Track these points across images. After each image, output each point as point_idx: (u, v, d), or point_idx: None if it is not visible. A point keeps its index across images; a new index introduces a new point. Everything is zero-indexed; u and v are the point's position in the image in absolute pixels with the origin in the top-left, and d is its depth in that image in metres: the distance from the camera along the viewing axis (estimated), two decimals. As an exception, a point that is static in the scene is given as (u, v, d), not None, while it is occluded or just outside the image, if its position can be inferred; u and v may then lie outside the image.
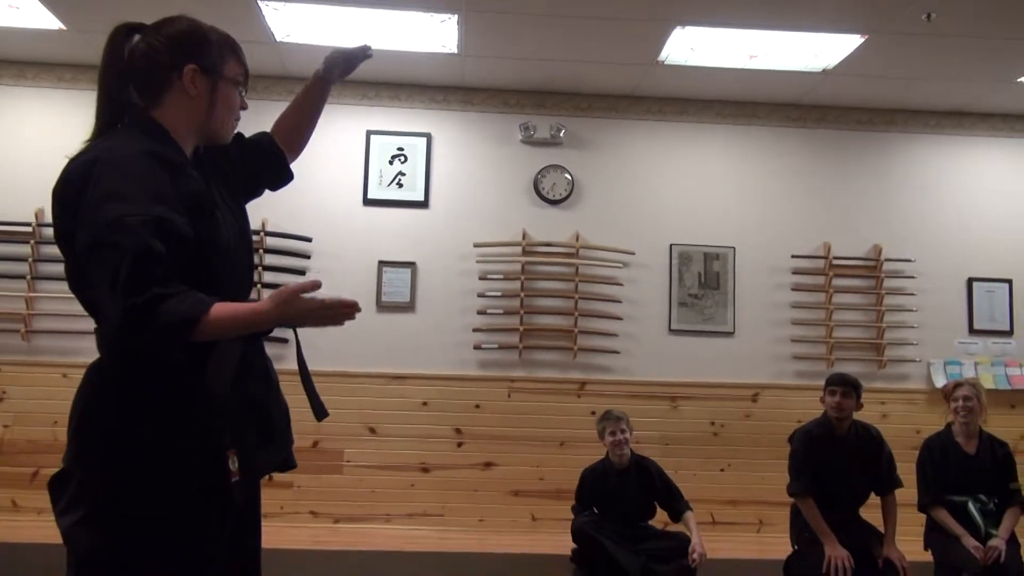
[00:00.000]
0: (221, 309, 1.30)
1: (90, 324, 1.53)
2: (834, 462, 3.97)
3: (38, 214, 5.08)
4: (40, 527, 4.59)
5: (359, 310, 1.45)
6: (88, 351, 1.51)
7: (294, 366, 1.59)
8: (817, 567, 3.76)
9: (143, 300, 1.22)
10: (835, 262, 5.43)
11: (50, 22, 4.59)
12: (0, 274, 5.02)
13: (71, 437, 1.41)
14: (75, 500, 1.35)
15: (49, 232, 5.05)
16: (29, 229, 5.05)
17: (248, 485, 1.44)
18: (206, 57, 1.48)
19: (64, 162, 1.45)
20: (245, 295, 1.56)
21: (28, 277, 5.01)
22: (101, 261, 1.26)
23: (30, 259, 5.02)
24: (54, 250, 5.02)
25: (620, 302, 5.31)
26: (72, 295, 1.47)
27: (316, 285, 1.40)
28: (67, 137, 5.70)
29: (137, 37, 1.48)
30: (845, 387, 3.97)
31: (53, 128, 5.19)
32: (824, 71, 4.96)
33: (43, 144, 5.18)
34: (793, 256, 5.43)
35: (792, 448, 4.06)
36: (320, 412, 1.57)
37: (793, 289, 5.42)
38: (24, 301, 4.98)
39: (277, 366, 1.74)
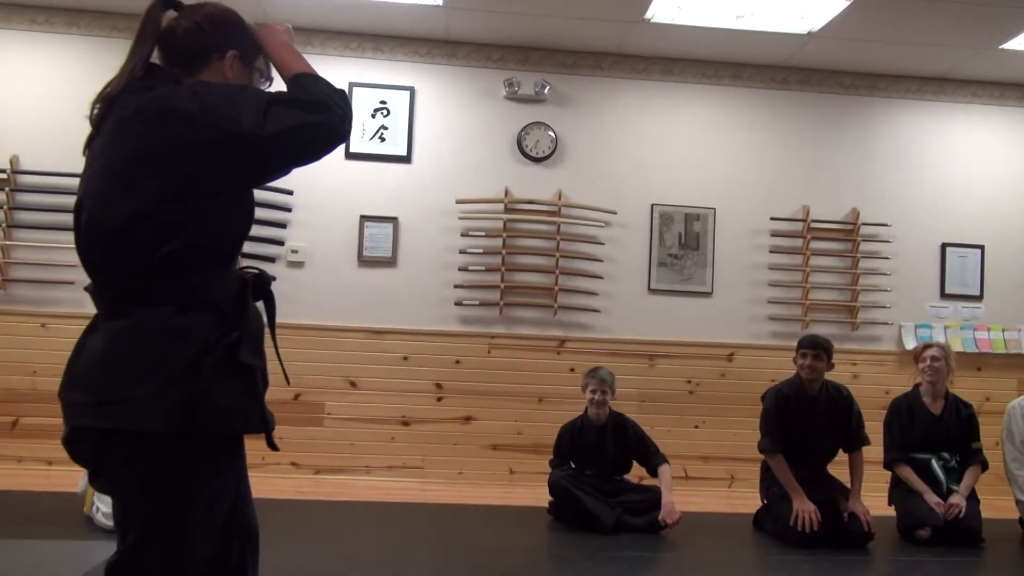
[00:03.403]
0: (304, 65, 1.51)
1: (68, 274, 1.53)
2: (804, 420, 4.08)
3: (13, 161, 4.99)
4: (20, 475, 4.61)
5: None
6: (66, 301, 1.51)
7: (277, 319, 1.60)
8: (785, 520, 3.89)
9: (340, 95, 1.44)
10: (813, 225, 5.50)
11: (23, -38, 4.46)
12: (-25, 222, 4.95)
13: (115, 395, 1.36)
14: (135, 458, 1.36)
15: (25, 180, 4.98)
16: (4, 176, 4.96)
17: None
18: (245, 45, 1.55)
19: (35, 110, 1.45)
20: None
21: (4, 225, 4.94)
22: (290, 104, 1.39)
23: (5, 207, 4.95)
24: (31, 198, 4.98)
25: (601, 261, 5.35)
26: (48, 244, 1.45)
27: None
28: (42, 82, 5.61)
29: (174, 14, 1.52)
30: (816, 349, 4.07)
31: (26, 73, 5.08)
32: (809, 33, 4.96)
33: (16, 89, 5.07)
34: (772, 218, 5.49)
35: (764, 406, 4.17)
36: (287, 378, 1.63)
37: (771, 251, 5.49)
38: (0, 250, 4.93)
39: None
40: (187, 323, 1.37)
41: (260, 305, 1.54)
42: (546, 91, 5.38)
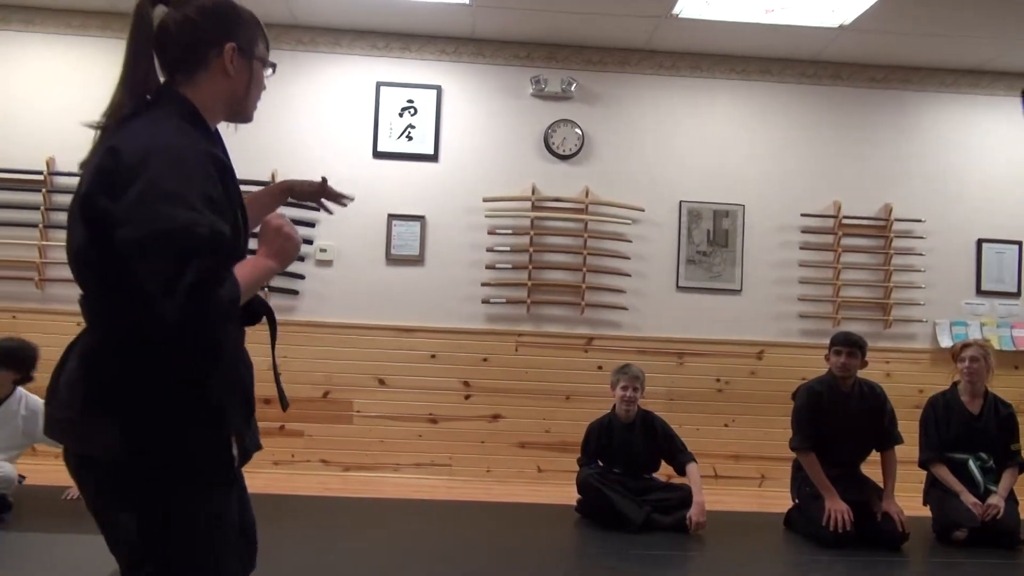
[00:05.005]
0: (244, 278, 1.32)
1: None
2: (837, 419, 4.03)
3: (49, 162, 5.09)
4: (53, 470, 4.68)
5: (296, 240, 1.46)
6: None
7: (303, 317, 1.60)
8: (817, 520, 3.84)
9: (204, 307, 1.23)
10: (845, 221, 5.42)
11: (58, -33, 4.54)
12: (14, 223, 5.05)
13: (80, 419, 1.34)
14: (113, 486, 1.35)
15: (61, 181, 5.07)
16: (40, 177, 5.07)
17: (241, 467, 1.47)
18: (244, 36, 1.46)
19: (71, 112, 1.42)
20: None
21: (40, 226, 5.04)
22: (156, 260, 1.22)
23: (42, 207, 5.05)
24: (67, 199, 5.05)
25: (629, 258, 5.32)
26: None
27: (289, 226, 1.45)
28: (76, 85, 5.71)
29: (165, 9, 1.43)
30: (850, 347, 4.01)
31: (62, 75, 5.17)
32: (840, 27, 4.89)
33: (52, 92, 5.16)
34: (803, 215, 5.42)
35: (796, 404, 4.12)
36: (284, 404, 1.55)
37: (801, 248, 5.42)
38: (37, 250, 5.03)
39: (286, 317, 1.76)
40: (155, 353, 1.30)
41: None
42: (573, 88, 5.36)
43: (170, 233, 1.22)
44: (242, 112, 1.52)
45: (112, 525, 1.40)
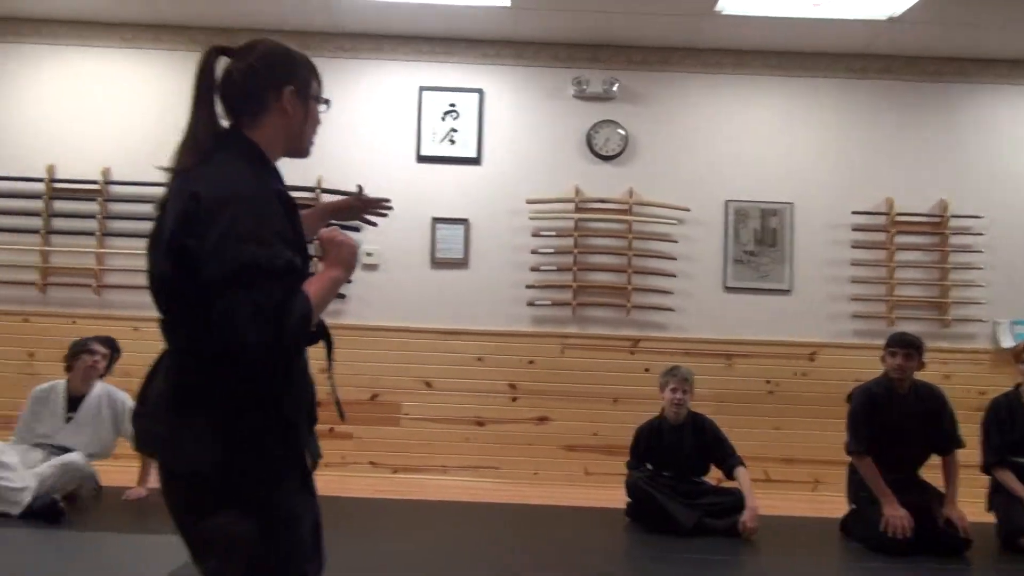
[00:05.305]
0: (315, 293, 1.45)
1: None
2: (894, 421, 3.92)
3: (105, 172, 5.22)
4: (119, 471, 4.80)
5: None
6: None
7: (350, 321, 1.66)
8: (875, 526, 3.74)
9: (282, 328, 1.37)
10: (898, 219, 5.28)
11: (111, -17, 4.67)
12: (73, 231, 5.20)
13: (170, 433, 1.47)
14: (200, 495, 1.46)
15: (117, 190, 5.21)
16: (97, 187, 5.21)
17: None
18: (299, 78, 1.58)
19: (124, 123, 1.48)
20: None
21: (98, 234, 5.18)
22: (238, 291, 1.35)
23: (99, 216, 5.19)
24: (122, 207, 5.20)
25: (675, 259, 5.26)
26: (138, 251, 1.51)
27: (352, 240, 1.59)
28: (128, 95, 5.84)
29: (228, 60, 1.56)
30: (907, 348, 3.89)
31: (116, 87, 5.31)
32: (890, 19, 4.76)
33: (107, 104, 5.31)
34: (854, 212, 5.29)
35: (851, 406, 4.02)
36: (341, 415, 1.69)
37: (853, 246, 5.29)
38: (95, 257, 5.17)
39: (334, 321, 1.81)
40: (232, 383, 1.42)
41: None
42: (615, 88, 5.32)
43: (249, 267, 1.36)
44: (299, 147, 1.64)
45: (196, 531, 1.49)
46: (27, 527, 3.63)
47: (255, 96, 1.54)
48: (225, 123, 1.56)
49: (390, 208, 2.09)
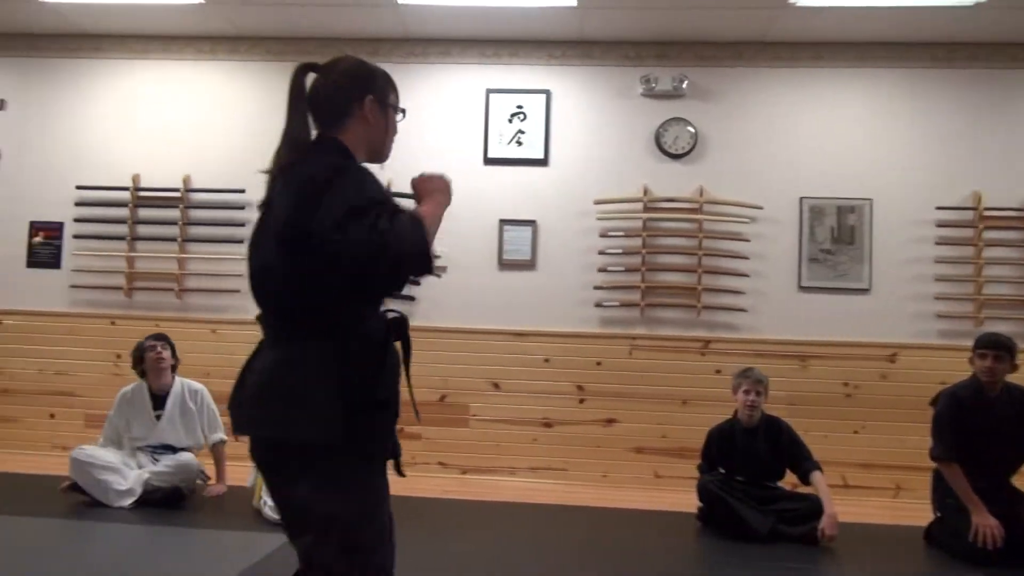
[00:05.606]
0: (425, 214, 1.65)
1: (234, 283, 1.64)
2: (983, 426, 3.73)
3: (186, 180, 5.43)
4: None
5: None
6: (233, 308, 1.64)
7: (419, 322, 1.72)
8: (963, 536, 3.57)
9: (399, 234, 1.51)
10: (986, 213, 5.03)
11: (190, -3, 4.85)
12: (155, 237, 5.43)
13: (271, 411, 1.57)
14: (303, 468, 1.56)
15: (198, 197, 5.42)
16: (178, 195, 5.42)
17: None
18: (379, 89, 1.75)
19: (203, 131, 1.53)
20: None
21: (179, 239, 5.39)
22: (352, 224, 1.50)
23: (180, 223, 5.40)
24: (201, 214, 5.40)
25: (747, 258, 5.14)
26: (217, 255, 1.59)
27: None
28: (206, 105, 6.04)
29: (314, 75, 1.74)
30: (998, 350, 3.70)
31: (194, 98, 5.52)
32: (976, 4, 4.55)
33: (187, 115, 5.51)
34: (938, 208, 5.07)
35: (936, 410, 3.84)
36: (417, 415, 1.78)
37: (937, 243, 5.07)
38: (176, 262, 5.38)
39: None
40: (340, 359, 1.56)
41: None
42: (684, 86, 5.23)
43: (355, 207, 1.52)
44: (380, 152, 1.80)
45: (290, 501, 1.59)
46: (107, 521, 3.80)
47: (340, 105, 1.70)
48: (314, 133, 1.72)
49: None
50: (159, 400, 4.30)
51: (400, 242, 1.49)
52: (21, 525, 3.64)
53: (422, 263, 1.55)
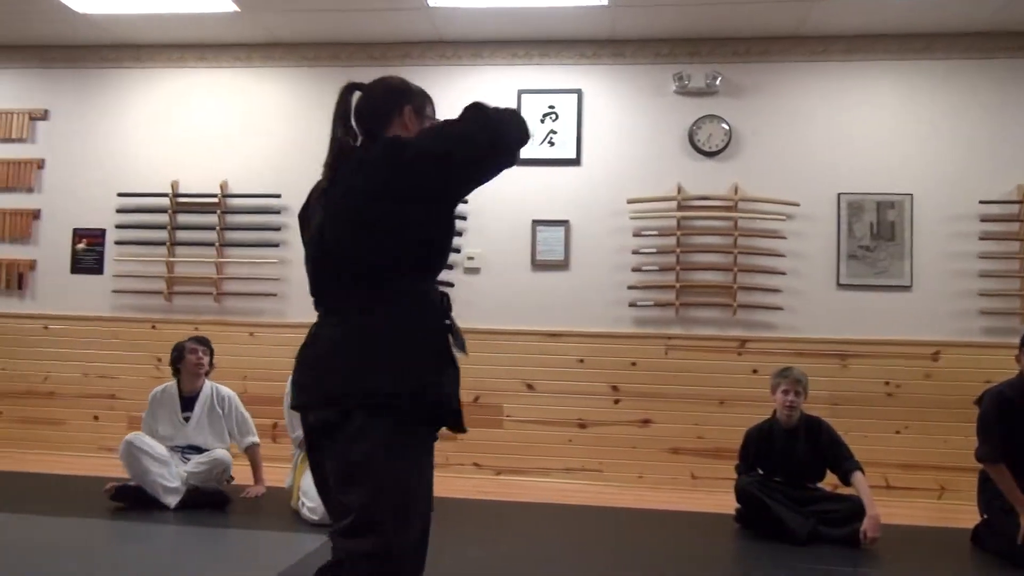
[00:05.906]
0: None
1: (271, 287, 1.66)
2: (1031, 426, 3.62)
3: (223, 186, 5.52)
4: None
5: None
6: (269, 311, 1.68)
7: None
8: (1011, 538, 3.48)
9: (510, 116, 1.79)
10: (1032, 207, 4.90)
11: (225, 5, 4.92)
12: (193, 242, 5.52)
13: (358, 363, 1.69)
14: (369, 427, 1.66)
15: (234, 202, 5.50)
16: (216, 200, 5.50)
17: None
18: (416, 100, 1.94)
19: (238, 137, 1.57)
20: None
21: (217, 244, 5.48)
22: (446, 127, 1.77)
23: (217, 227, 5.48)
24: (239, 219, 5.48)
25: (783, 256, 5.07)
26: (254, 260, 1.63)
27: None
28: (243, 112, 6.13)
29: (358, 93, 1.92)
30: (1045, 346, 3.60)
31: (231, 105, 5.60)
32: (1020, -8, 4.43)
33: (224, 122, 5.60)
34: (981, 202, 4.95)
35: (981, 410, 3.75)
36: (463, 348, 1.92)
37: (981, 238, 4.95)
38: (214, 266, 5.47)
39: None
40: (412, 320, 1.73)
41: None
42: (718, 82, 5.18)
43: (447, 121, 1.78)
44: None
45: (348, 457, 1.66)
46: (148, 522, 3.86)
47: (382, 114, 1.89)
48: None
49: None
50: (188, 402, 4.35)
51: (500, 110, 1.77)
52: (65, 526, 3.73)
53: (523, 122, 1.81)
